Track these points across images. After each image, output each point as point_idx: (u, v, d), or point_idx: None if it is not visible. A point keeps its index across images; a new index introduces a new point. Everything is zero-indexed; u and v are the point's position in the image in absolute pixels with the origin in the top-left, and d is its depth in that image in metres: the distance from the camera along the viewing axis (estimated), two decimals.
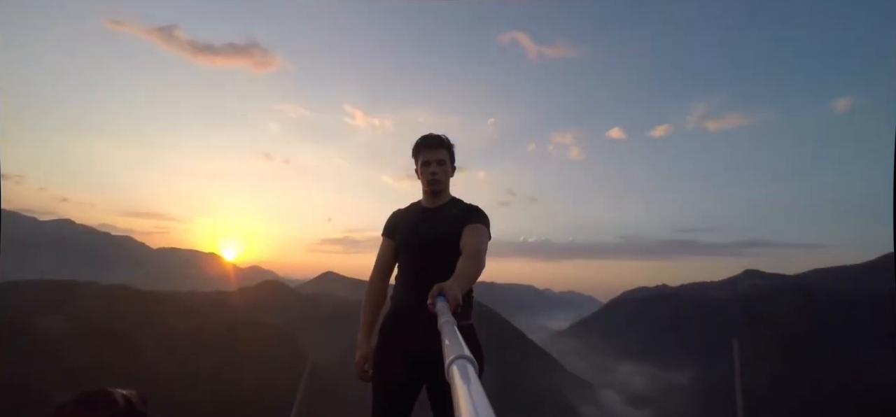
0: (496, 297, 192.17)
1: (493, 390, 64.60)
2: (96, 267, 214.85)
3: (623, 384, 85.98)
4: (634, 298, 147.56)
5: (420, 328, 1.77)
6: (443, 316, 0.99)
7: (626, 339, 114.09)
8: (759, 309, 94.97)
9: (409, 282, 1.93)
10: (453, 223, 1.86)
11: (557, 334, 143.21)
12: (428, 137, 1.96)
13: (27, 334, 44.11)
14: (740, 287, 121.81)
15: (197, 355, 50.20)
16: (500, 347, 74.23)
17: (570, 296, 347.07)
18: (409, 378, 1.84)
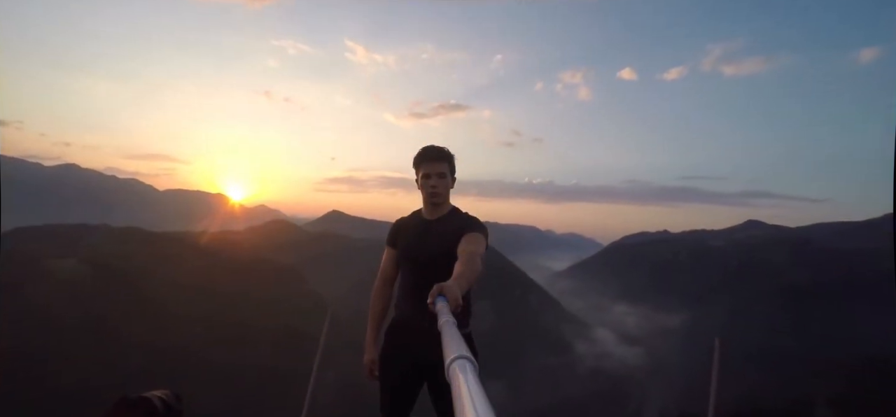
0: (498, 236, 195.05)
1: (492, 326, 67.25)
2: (105, 210, 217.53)
3: (617, 324, 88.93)
4: (635, 242, 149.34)
5: (421, 337, 1.92)
6: (443, 316, 1.01)
7: (623, 282, 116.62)
8: (757, 260, 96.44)
9: (410, 293, 2.04)
10: (452, 234, 1.92)
11: (557, 274, 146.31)
12: (429, 150, 2.02)
13: (45, 276, 45.86)
14: (739, 236, 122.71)
15: (208, 293, 52.12)
16: (500, 285, 76.37)
17: (571, 238, 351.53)
18: (412, 378, 2.05)
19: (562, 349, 70.65)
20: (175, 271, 54.78)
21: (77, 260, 49.69)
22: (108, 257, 52.36)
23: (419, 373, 2.04)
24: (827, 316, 71.17)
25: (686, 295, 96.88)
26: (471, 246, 1.78)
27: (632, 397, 58.93)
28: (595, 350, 72.76)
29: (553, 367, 64.05)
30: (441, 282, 1.27)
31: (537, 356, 66.22)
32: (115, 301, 44.34)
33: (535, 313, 77.72)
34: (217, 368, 39.94)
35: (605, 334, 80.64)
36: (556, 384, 60.27)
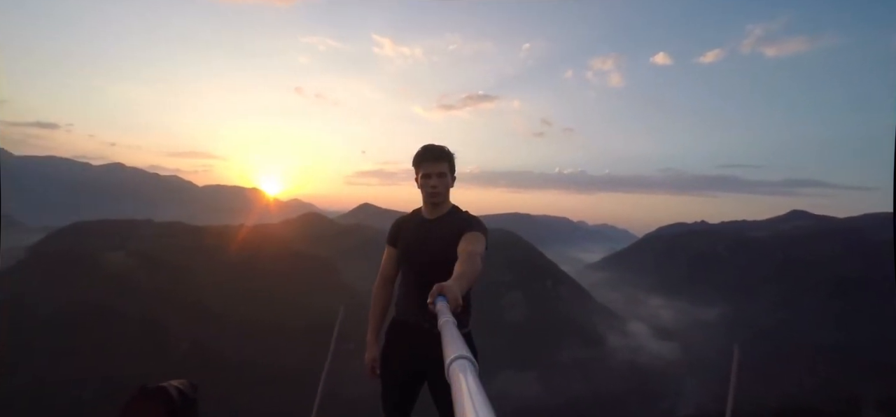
0: (529, 228, 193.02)
1: (523, 317, 67.08)
2: (149, 206, 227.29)
3: (651, 317, 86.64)
4: (671, 233, 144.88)
5: (421, 337, 1.96)
6: (443, 315, 1.01)
7: (659, 274, 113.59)
8: (802, 252, 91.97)
9: (410, 292, 2.04)
10: (451, 234, 1.92)
11: (589, 266, 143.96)
12: (429, 149, 2.00)
13: (98, 268, 48.70)
14: (783, 227, 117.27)
15: (245, 284, 54.07)
16: (531, 276, 75.92)
17: (604, 229, 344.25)
18: (412, 377, 2.08)
19: (594, 342, 69.70)
20: (215, 262, 57.03)
21: (126, 253, 52.50)
22: (153, 250, 55.03)
23: (419, 372, 2.04)
24: (878, 313, 67.37)
25: (725, 289, 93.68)
26: (471, 246, 1.78)
27: (667, 392, 57.67)
28: (629, 344, 71.43)
29: (585, 360, 63.32)
30: (441, 282, 1.25)
31: (569, 348, 65.59)
32: (161, 291, 46.58)
33: (567, 305, 76.79)
34: (253, 356, 41.47)
35: (640, 327, 78.96)
36: (588, 377, 59.61)
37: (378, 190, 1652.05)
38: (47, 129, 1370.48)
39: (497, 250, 79.67)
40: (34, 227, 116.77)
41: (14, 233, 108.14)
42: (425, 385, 2.08)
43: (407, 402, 2.13)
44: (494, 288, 70.79)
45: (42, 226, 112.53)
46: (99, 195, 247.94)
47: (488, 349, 59.33)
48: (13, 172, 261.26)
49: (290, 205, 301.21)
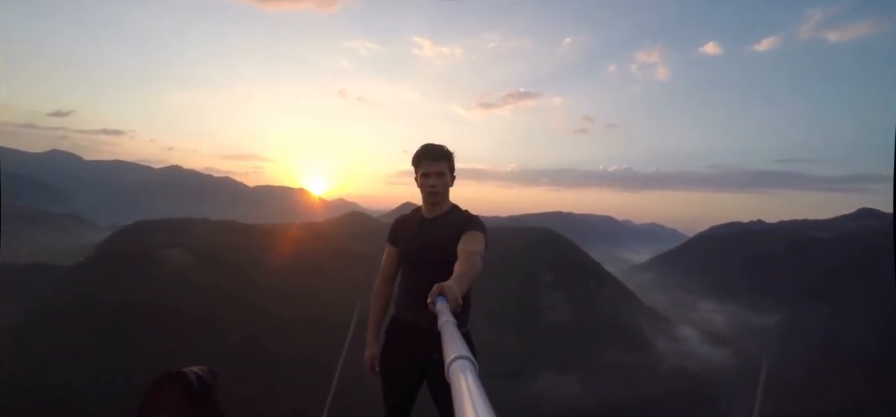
0: (572, 227, 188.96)
1: (566, 319, 65.89)
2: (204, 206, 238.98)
3: (703, 321, 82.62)
4: (724, 233, 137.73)
5: (420, 337, 1.97)
6: (443, 315, 1.01)
7: (711, 276, 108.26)
8: (872, 254, 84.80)
9: (409, 291, 2.06)
10: (450, 233, 1.94)
11: (636, 267, 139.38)
12: (428, 149, 2.02)
13: (157, 263, 51.89)
14: (850, 227, 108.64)
15: (293, 279, 56.11)
16: (573, 277, 74.48)
17: (651, 229, 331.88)
18: (411, 376, 2.08)
19: (640, 345, 67.46)
20: (265, 259, 59.50)
21: (183, 250, 55.61)
22: (208, 247, 58.07)
23: (418, 371, 2.05)
24: None
25: (784, 293, 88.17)
26: (470, 246, 1.78)
27: (718, 400, 55.00)
28: (677, 349, 68.64)
29: (631, 364, 61.40)
30: (441, 282, 1.26)
31: (614, 351, 63.80)
32: (214, 285, 49.04)
33: (612, 307, 74.70)
34: (299, 350, 42.92)
35: (689, 332, 75.70)
36: (633, 381, 57.79)
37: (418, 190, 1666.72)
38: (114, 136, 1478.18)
39: (538, 249, 78.78)
40: (102, 226, 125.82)
41: (85, 231, 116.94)
42: (425, 384, 2.09)
43: (407, 401, 2.14)
44: (535, 288, 70.00)
45: (109, 225, 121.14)
46: (159, 196, 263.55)
47: (528, 349, 58.72)
48: (84, 175, 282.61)
49: (334, 204, 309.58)
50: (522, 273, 71.79)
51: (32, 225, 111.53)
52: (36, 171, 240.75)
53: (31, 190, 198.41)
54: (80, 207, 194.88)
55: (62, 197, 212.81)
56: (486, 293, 68.17)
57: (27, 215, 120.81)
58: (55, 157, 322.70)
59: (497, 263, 73.53)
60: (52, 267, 64.15)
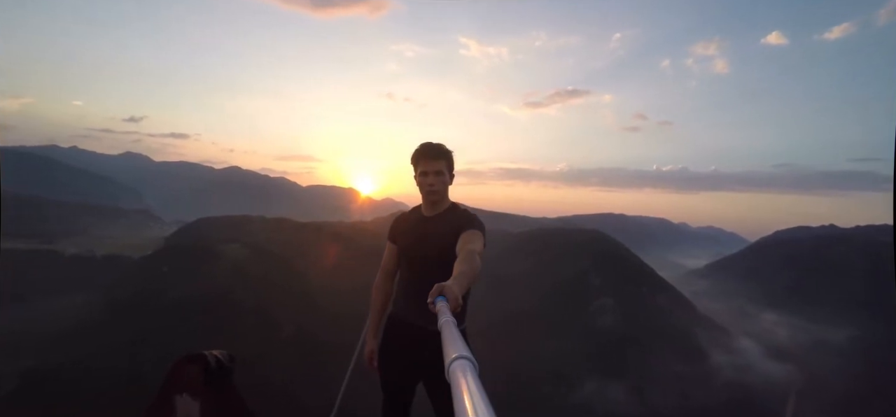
0: (623, 229, 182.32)
1: (616, 324, 63.80)
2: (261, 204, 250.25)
3: (764, 333, 77.10)
4: (791, 238, 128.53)
5: (417, 333, 1.99)
6: (443, 315, 1.01)
7: (776, 285, 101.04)
8: None
9: (407, 289, 2.08)
10: (449, 231, 1.94)
11: (692, 273, 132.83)
12: (426, 148, 2.03)
13: (217, 257, 54.92)
14: None
15: (341, 275, 57.77)
16: (624, 281, 71.97)
17: (709, 232, 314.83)
18: (409, 372, 2.10)
19: (695, 356, 64.17)
20: (317, 255, 61.65)
21: (241, 245, 58.50)
22: (264, 243, 60.85)
23: (416, 369, 2.05)
24: None
25: (858, 305, 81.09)
26: (469, 245, 1.77)
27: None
28: (735, 362, 64.74)
29: (684, 374, 58.63)
30: (441, 282, 1.25)
31: (666, 361, 61.11)
32: (269, 279, 51.31)
33: (665, 314, 71.45)
34: (349, 342, 44.17)
35: (749, 344, 71.19)
36: (686, 393, 55.18)
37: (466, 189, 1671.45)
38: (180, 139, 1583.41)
39: (587, 251, 76.76)
40: (169, 221, 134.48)
41: (154, 227, 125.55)
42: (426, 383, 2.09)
43: (405, 397, 2.17)
44: (583, 291, 68.24)
45: (175, 220, 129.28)
46: (220, 194, 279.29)
47: (574, 354, 57.40)
48: (154, 175, 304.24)
49: (382, 203, 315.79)
50: (570, 275, 70.20)
51: (108, 220, 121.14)
52: (112, 171, 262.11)
53: (107, 188, 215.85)
54: (150, 204, 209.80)
55: (134, 195, 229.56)
56: (532, 294, 67.29)
57: (104, 212, 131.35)
58: (129, 159, 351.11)
59: (545, 265, 72.37)
60: (125, 259, 69.59)
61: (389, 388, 2.18)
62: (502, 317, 62.02)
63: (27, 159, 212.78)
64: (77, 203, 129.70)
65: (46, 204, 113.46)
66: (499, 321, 61.33)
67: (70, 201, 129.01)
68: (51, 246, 76.97)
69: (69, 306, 57.49)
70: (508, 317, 62.11)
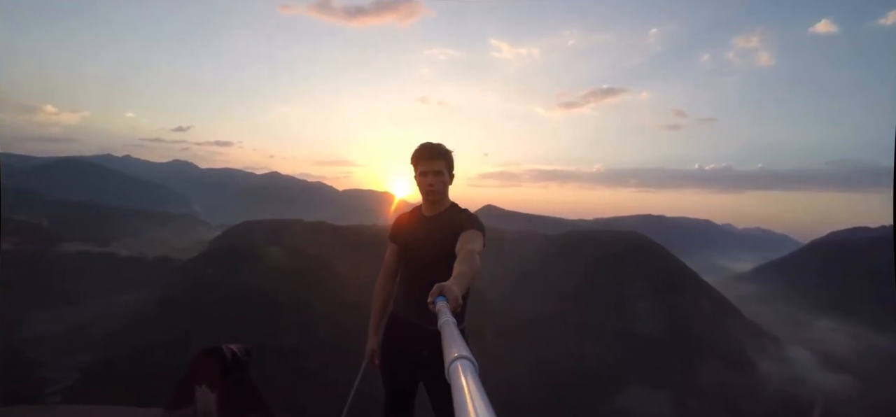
0: (664, 232, 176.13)
1: (656, 331, 61.77)
2: (299, 208, 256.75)
3: (817, 342, 72.41)
4: (846, 240, 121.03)
5: (416, 332, 2.00)
6: (443, 315, 1.01)
7: (830, 289, 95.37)
8: None
9: (407, 288, 2.10)
10: (448, 231, 1.95)
11: (738, 277, 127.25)
12: (425, 148, 2.03)
13: (258, 259, 56.81)
14: None
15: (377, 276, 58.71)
16: (665, 287, 69.54)
17: (756, 234, 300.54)
18: (409, 371, 2.10)
19: (742, 365, 61.15)
20: (353, 257, 62.69)
21: (280, 248, 60.33)
22: (302, 245, 62.51)
23: (415, 368, 2.06)
24: None
25: None
26: (469, 245, 1.78)
27: None
28: (786, 372, 61.33)
29: (729, 385, 56.00)
30: (441, 282, 1.25)
31: (710, 370, 58.52)
32: (307, 279, 52.67)
33: (709, 320, 68.48)
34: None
35: (801, 353, 67.32)
36: (732, 405, 52.73)
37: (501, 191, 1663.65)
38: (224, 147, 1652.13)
39: (626, 255, 74.78)
40: (214, 225, 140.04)
41: (200, 230, 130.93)
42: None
43: (407, 396, 2.18)
44: (622, 296, 66.41)
45: (219, 224, 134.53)
46: (260, 199, 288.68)
47: (613, 360, 55.95)
48: (200, 181, 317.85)
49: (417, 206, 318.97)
50: (609, 280, 68.40)
51: (158, 224, 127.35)
52: (161, 178, 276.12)
53: (157, 194, 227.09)
54: (197, 209, 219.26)
55: (182, 200, 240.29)
56: (568, 298, 66.09)
57: (154, 216, 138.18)
58: (177, 166, 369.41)
59: (581, 268, 70.97)
60: (174, 260, 73.01)
61: (391, 386, 2.19)
62: (537, 321, 61.31)
63: (85, 168, 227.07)
64: (130, 208, 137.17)
65: (102, 209, 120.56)
66: (534, 324, 60.67)
67: (124, 207, 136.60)
68: (106, 248, 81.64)
69: (124, 304, 60.85)
70: (544, 321, 61.33)
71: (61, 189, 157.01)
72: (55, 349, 48.87)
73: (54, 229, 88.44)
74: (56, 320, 55.10)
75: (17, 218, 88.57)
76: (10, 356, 44.07)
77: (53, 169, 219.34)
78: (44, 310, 56.69)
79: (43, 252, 72.55)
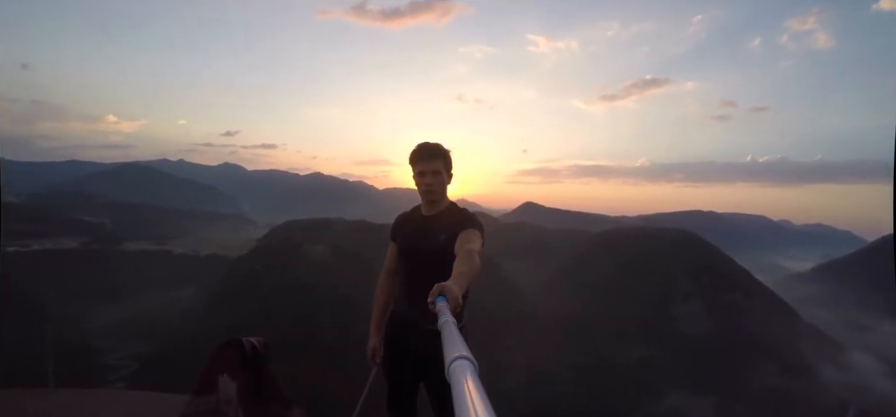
0: (714, 228, 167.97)
1: (706, 332, 59.17)
2: (341, 207, 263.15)
3: (884, 347, 66.61)
4: None
5: (415, 332, 2.01)
6: (443, 315, 1.02)
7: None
8: None
9: (407, 288, 2.11)
10: (447, 230, 1.96)
11: (795, 276, 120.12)
12: (423, 148, 2.04)
13: (303, 256, 58.68)
14: None
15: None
16: (715, 285, 66.36)
17: (816, 230, 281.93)
18: (409, 370, 2.11)
19: (799, 371, 57.48)
20: None
21: (324, 246, 62.03)
22: (344, 243, 64.04)
23: (416, 367, 2.07)
24: None
25: None
26: (468, 244, 1.79)
27: None
28: (848, 380, 57.16)
29: (785, 392, 52.81)
30: (441, 282, 1.25)
31: (763, 375, 55.29)
32: (350, 277, 53.90)
33: (763, 323, 64.72)
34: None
35: (865, 360, 62.61)
36: (787, 413, 49.83)
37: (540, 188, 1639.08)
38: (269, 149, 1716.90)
39: (673, 253, 71.94)
40: (261, 224, 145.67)
41: (248, 229, 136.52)
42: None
43: (408, 394, 2.20)
44: (669, 296, 63.91)
45: (266, 223, 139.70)
46: (304, 198, 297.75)
47: (658, 363, 54.06)
48: (247, 183, 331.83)
49: None
50: (655, 279, 65.88)
51: (209, 224, 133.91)
52: (212, 180, 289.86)
53: (209, 196, 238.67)
54: (245, 209, 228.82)
55: (231, 201, 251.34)
56: (611, 298, 64.32)
57: (206, 216, 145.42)
58: (226, 169, 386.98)
59: (625, 266, 68.92)
60: (224, 258, 76.49)
61: (392, 384, 2.21)
62: (577, 319, 60.16)
63: (144, 172, 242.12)
64: (184, 209, 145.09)
65: (159, 210, 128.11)
66: (574, 323, 59.57)
67: (178, 207, 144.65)
68: (163, 247, 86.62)
69: (178, 299, 64.55)
70: (584, 319, 60.07)
71: (123, 191, 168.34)
72: (117, 339, 52.65)
73: (116, 229, 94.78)
74: (118, 313, 59.25)
75: (84, 219, 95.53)
76: (77, 345, 47.67)
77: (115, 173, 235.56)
78: (107, 304, 61.07)
79: (106, 250, 77.94)
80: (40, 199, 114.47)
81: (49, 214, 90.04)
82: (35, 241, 70.70)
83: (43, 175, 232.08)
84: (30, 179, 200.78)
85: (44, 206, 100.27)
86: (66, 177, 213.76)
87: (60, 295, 57.03)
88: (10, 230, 69.81)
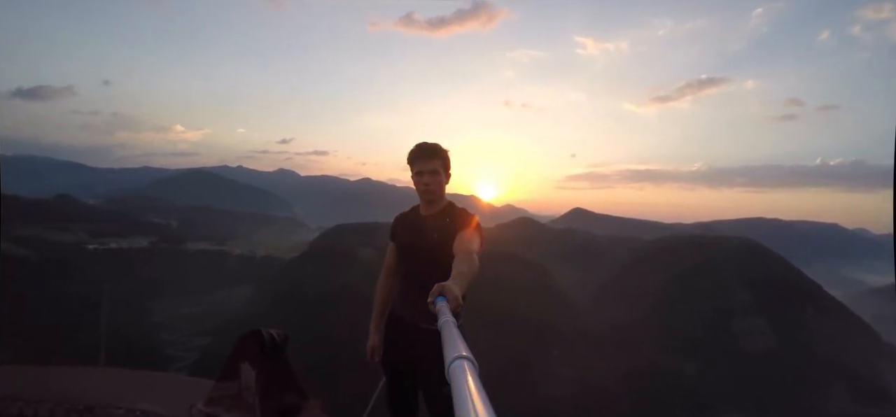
0: (780, 237, 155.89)
1: (770, 350, 55.34)
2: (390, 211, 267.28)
3: None
4: None
5: (414, 331, 2.01)
6: (443, 315, 1.02)
7: None
8: None
9: (405, 287, 2.14)
10: (445, 230, 1.97)
11: (873, 291, 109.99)
12: (421, 148, 2.07)
13: (353, 259, 60.25)
14: None
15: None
16: (780, 299, 61.85)
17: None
18: (408, 371, 2.12)
19: (878, 396, 52.44)
20: None
21: (373, 249, 63.36)
22: None
23: (415, 366, 2.07)
24: None
25: None
26: (467, 244, 1.79)
27: None
28: None
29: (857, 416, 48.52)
30: (441, 282, 1.25)
31: (836, 399, 50.78)
32: None
33: (836, 341, 59.61)
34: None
35: None
36: None
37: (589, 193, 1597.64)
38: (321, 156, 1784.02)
39: (733, 263, 67.90)
40: (313, 228, 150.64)
41: (301, 232, 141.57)
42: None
43: (408, 394, 2.20)
44: (729, 309, 60.20)
45: (318, 227, 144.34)
46: (354, 203, 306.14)
47: (716, 381, 51.01)
48: (300, 188, 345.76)
49: (503, 210, 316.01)
50: (713, 291, 62.31)
51: (265, 227, 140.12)
52: (268, 186, 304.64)
53: (265, 200, 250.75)
54: (298, 213, 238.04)
55: (285, 205, 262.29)
56: (666, 310, 61.50)
57: (262, 219, 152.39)
58: (281, 174, 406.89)
59: (680, 277, 65.78)
60: (278, 259, 79.84)
61: (392, 383, 2.23)
62: (628, 329, 58.00)
63: (206, 178, 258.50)
64: (242, 212, 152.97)
65: (220, 213, 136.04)
66: (624, 333, 57.45)
67: (237, 211, 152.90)
68: (222, 247, 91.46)
69: (236, 296, 67.96)
70: (636, 330, 57.80)
71: (187, 195, 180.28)
72: (181, 332, 56.25)
73: (181, 230, 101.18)
74: (182, 307, 63.16)
75: (152, 221, 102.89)
76: (145, 337, 51.25)
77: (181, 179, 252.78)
78: (173, 299, 65.20)
79: (173, 249, 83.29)
80: (116, 202, 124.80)
81: (124, 216, 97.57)
82: (112, 240, 77.00)
83: (120, 180, 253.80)
84: (108, 184, 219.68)
85: (119, 209, 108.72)
86: (139, 182, 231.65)
87: (132, 288, 61.57)
88: (91, 229, 77.43)
